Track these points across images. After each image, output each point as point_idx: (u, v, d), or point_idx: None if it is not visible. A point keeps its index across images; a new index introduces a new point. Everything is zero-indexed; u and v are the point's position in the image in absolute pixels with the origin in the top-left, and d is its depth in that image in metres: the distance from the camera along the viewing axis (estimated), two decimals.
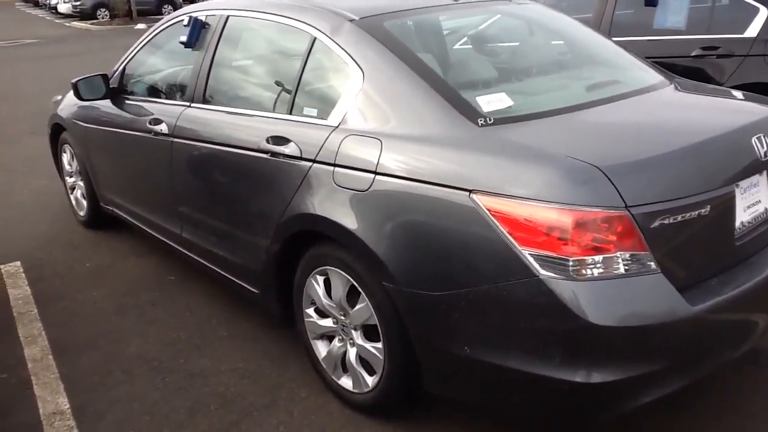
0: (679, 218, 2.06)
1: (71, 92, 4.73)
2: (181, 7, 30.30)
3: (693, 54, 5.08)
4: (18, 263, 4.39)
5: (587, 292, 1.98)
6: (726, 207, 2.21)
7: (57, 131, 4.95)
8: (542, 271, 2.00)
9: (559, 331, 2.02)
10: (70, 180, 5.00)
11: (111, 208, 4.44)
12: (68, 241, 4.73)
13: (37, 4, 41.64)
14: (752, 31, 4.93)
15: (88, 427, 2.78)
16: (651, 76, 2.95)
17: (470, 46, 3.23)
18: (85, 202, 4.80)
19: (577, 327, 1.97)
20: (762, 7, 4.94)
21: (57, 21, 30.43)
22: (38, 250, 4.59)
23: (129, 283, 4.05)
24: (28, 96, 10.83)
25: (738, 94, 2.87)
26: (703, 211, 2.11)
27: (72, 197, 5.02)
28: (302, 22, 2.89)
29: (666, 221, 2.04)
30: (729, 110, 2.66)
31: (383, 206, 2.37)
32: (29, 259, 4.44)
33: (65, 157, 4.95)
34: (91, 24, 26.87)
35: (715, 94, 2.94)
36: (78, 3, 29.19)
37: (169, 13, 19.99)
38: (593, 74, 3.01)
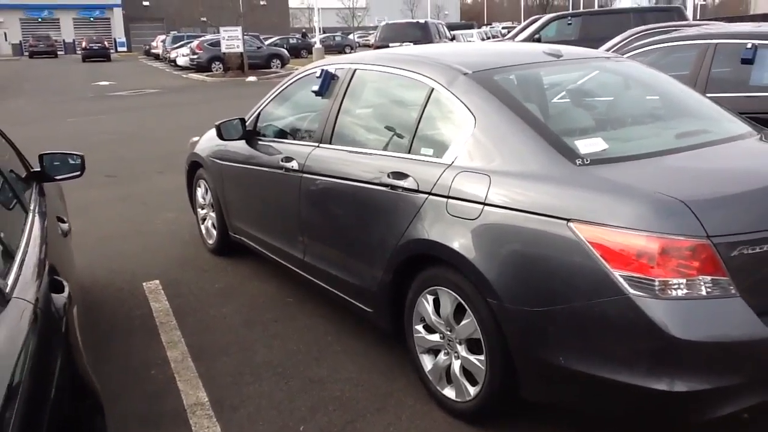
0: (757, 249, 2.33)
1: (207, 134, 5.41)
2: (288, 62, 32.19)
3: None
4: (157, 281, 4.99)
5: (671, 310, 2.27)
6: None
7: (193, 168, 5.59)
8: (631, 291, 2.31)
9: (645, 343, 2.31)
10: (202, 212, 5.63)
11: (239, 237, 4.99)
12: (199, 265, 5.32)
13: (157, 58, 44.83)
14: None
15: (224, 416, 3.22)
16: (739, 127, 3.22)
17: (570, 98, 3.59)
18: (214, 232, 5.39)
19: (661, 340, 2.26)
20: None
21: (175, 73, 32.76)
22: (173, 271, 5.19)
23: (253, 302, 4.55)
24: (154, 139, 11.89)
25: None
26: None
27: (203, 227, 5.63)
28: (422, 74, 3.35)
29: (744, 251, 2.31)
30: None
31: (490, 233, 2.74)
32: (166, 278, 5.04)
33: (199, 192, 5.58)
34: (206, 76, 28.79)
35: None
36: (195, 57, 31.31)
37: (277, 67, 21.20)
38: (683, 124, 3.31)
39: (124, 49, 62.39)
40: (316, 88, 4.00)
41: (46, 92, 22.95)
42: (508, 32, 24.16)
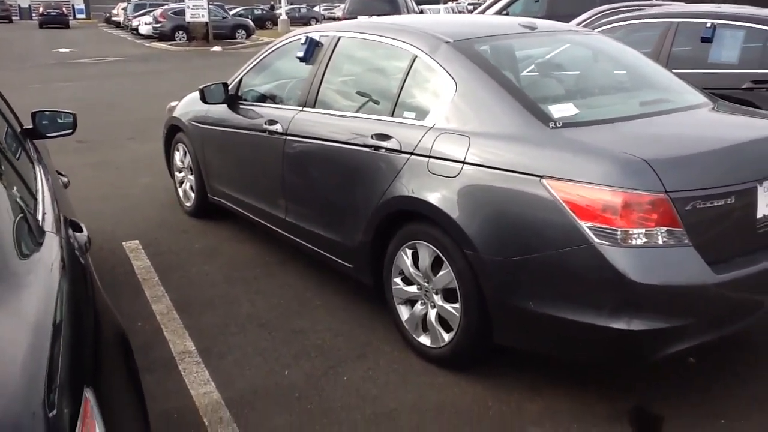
0: (708, 204, 2.59)
1: (186, 98, 5.51)
2: (253, 33, 31.87)
3: (744, 86, 5.54)
4: (137, 241, 5.10)
5: (631, 256, 2.53)
6: (748, 200, 2.73)
7: (172, 132, 5.69)
8: (596, 240, 2.56)
9: (607, 287, 2.56)
10: (180, 175, 5.73)
11: (218, 199, 5.13)
12: (177, 227, 5.45)
13: (118, 26, 43.86)
14: None
15: (212, 363, 3.41)
16: (697, 97, 3.49)
17: (543, 68, 3.81)
18: (192, 194, 5.51)
19: (622, 283, 2.52)
20: None
21: (137, 41, 32.15)
22: (152, 232, 5.31)
23: (234, 261, 4.71)
24: (122, 107, 11.82)
25: (765, 113, 3.38)
26: (728, 200, 2.64)
27: (181, 190, 5.75)
28: (406, 42, 3.53)
29: (698, 206, 2.57)
30: (756, 125, 3.19)
31: (469, 189, 2.96)
32: (146, 238, 5.16)
33: (177, 155, 5.68)
34: (170, 45, 28.36)
35: (748, 114, 3.46)
36: (158, 25, 30.79)
37: (242, 38, 20.99)
38: (647, 93, 3.57)
39: (83, 16, 60.64)
40: (300, 54, 4.15)
41: (3, 59, 22.39)
42: (474, 8, 24.28)
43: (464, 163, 2.98)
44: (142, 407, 1.80)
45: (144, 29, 32.92)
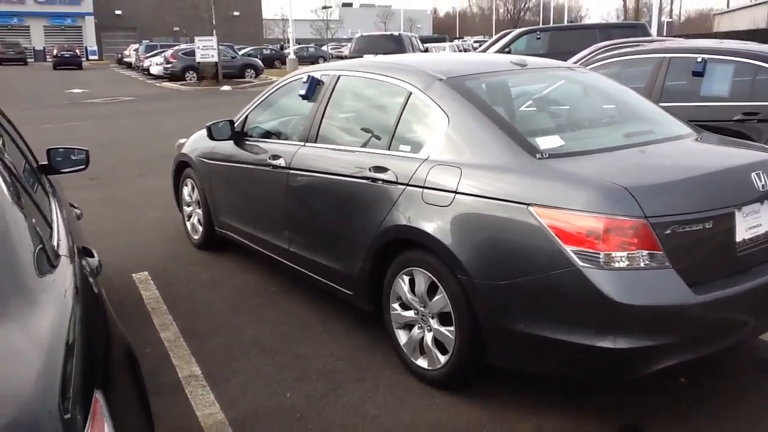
0: (687, 228, 2.73)
1: (194, 135, 5.72)
2: (262, 72, 32.46)
3: (735, 118, 5.71)
4: (146, 273, 5.27)
5: (613, 279, 2.67)
6: (727, 224, 2.87)
7: (181, 168, 5.89)
8: (580, 263, 2.70)
9: (592, 307, 2.69)
10: (188, 209, 5.92)
11: (225, 231, 5.30)
12: (185, 259, 5.61)
13: (130, 66, 44.75)
14: None
15: (217, 386, 3.53)
16: (681, 129, 3.65)
17: (532, 103, 3.99)
18: (200, 227, 5.69)
19: (606, 304, 2.65)
20: None
21: (148, 81, 32.81)
22: (161, 264, 5.47)
23: (240, 291, 4.86)
24: (132, 145, 12.11)
25: (748, 143, 3.54)
26: (706, 225, 2.78)
27: (189, 223, 5.93)
28: (401, 80, 3.73)
29: (677, 230, 2.72)
30: (735, 153, 3.35)
31: (461, 218, 3.12)
32: (155, 270, 5.32)
33: (186, 190, 5.87)
34: (180, 85, 28.93)
35: (730, 144, 3.61)
36: (169, 66, 31.43)
37: (251, 77, 21.54)
38: (632, 126, 3.73)
39: (96, 57, 62.02)
40: (302, 92, 4.35)
41: (17, 99, 22.86)
42: (480, 45, 24.76)
43: (456, 192, 3.14)
44: (147, 409, 1.93)
45: (155, 69, 33.57)
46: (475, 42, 49.26)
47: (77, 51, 49.35)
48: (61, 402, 1.33)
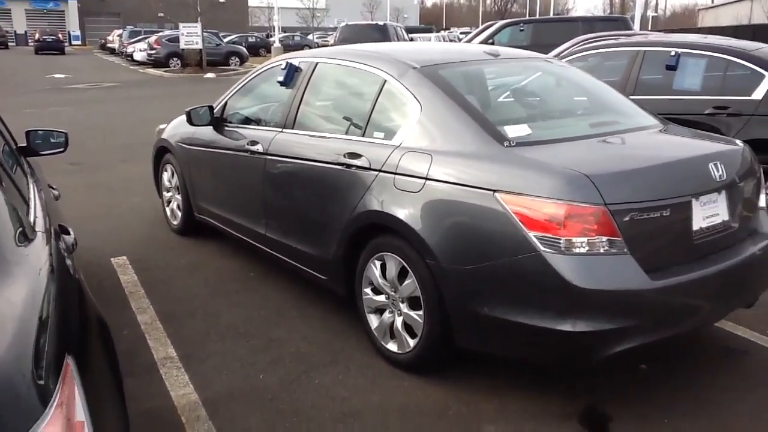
0: (645, 216, 2.84)
1: (174, 121, 5.76)
2: (247, 60, 32.33)
3: (706, 112, 5.84)
4: (125, 257, 5.31)
5: (573, 263, 2.77)
6: (684, 213, 2.97)
7: (160, 153, 5.93)
8: (542, 248, 2.80)
9: (553, 291, 2.79)
10: (167, 194, 5.96)
11: (203, 217, 5.36)
12: (164, 243, 5.67)
13: (113, 52, 44.36)
14: (758, 94, 5.69)
15: (192, 368, 3.60)
16: (647, 120, 3.75)
17: (504, 92, 4.08)
18: (179, 213, 5.74)
19: (566, 288, 2.75)
20: (767, 74, 5.70)
21: (132, 67, 32.59)
22: (140, 248, 5.52)
23: (217, 276, 4.92)
24: (115, 131, 12.09)
25: (709, 135, 3.65)
26: (664, 212, 2.88)
27: (168, 209, 5.97)
28: (377, 68, 3.80)
29: (635, 217, 2.82)
30: (695, 144, 3.46)
31: (430, 203, 3.20)
32: (133, 254, 5.37)
33: (165, 175, 5.92)
34: (164, 71, 28.78)
35: (691, 135, 3.71)
36: (153, 52, 31.22)
37: (235, 65, 21.50)
38: (599, 117, 3.83)
39: (79, 42, 61.40)
40: (281, 78, 4.41)
41: None
42: (466, 36, 24.82)
43: (426, 179, 3.23)
44: (118, 378, 2.01)
45: (139, 56, 33.36)
46: (461, 33, 49.29)
47: (60, 36, 48.95)
48: (34, 364, 1.41)
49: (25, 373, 1.39)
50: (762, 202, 3.55)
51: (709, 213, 3.09)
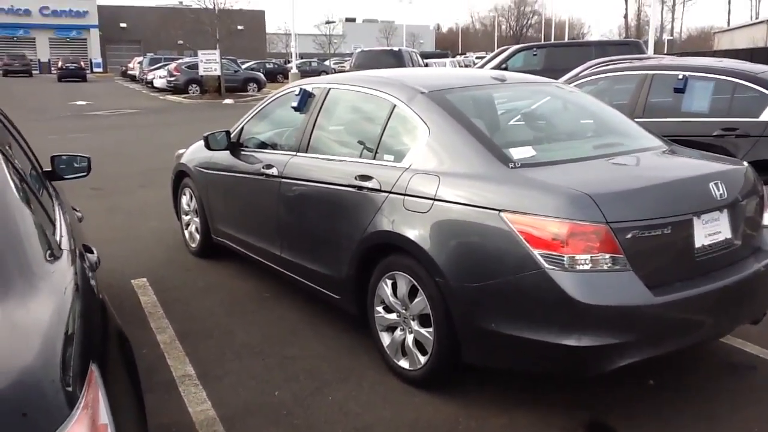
0: (647, 233, 2.92)
1: (193, 146, 5.93)
2: (264, 86, 32.80)
3: (714, 134, 5.91)
4: (145, 279, 5.46)
5: (577, 280, 2.86)
6: (686, 230, 3.06)
7: (179, 177, 6.10)
8: (547, 265, 2.89)
9: (558, 307, 2.88)
10: (186, 218, 6.12)
11: (221, 239, 5.50)
12: (182, 265, 5.81)
13: (134, 79, 45.19)
14: (766, 116, 5.76)
15: (209, 385, 3.71)
16: (650, 142, 3.85)
17: (510, 115, 4.20)
18: (197, 236, 5.89)
19: (570, 304, 2.83)
20: None
21: (152, 94, 33.17)
22: (159, 270, 5.67)
23: (234, 296, 5.05)
24: (135, 157, 12.36)
25: (712, 155, 3.74)
26: (665, 230, 2.97)
27: (187, 232, 6.13)
28: (386, 93, 3.94)
29: (637, 234, 2.91)
30: (696, 165, 3.54)
31: (439, 223, 3.31)
32: (153, 276, 5.51)
33: (184, 199, 6.08)
34: (183, 98, 29.27)
35: (693, 156, 3.80)
36: (173, 78, 31.78)
37: (254, 91, 21.87)
38: (604, 139, 3.94)
39: (100, 69, 62.56)
40: (295, 104, 4.57)
41: (23, 110, 23.12)
42: (481, 61, 25.07)
43: (435, 199, 3.34)
44: (136, 383, 2.13)
45: (159, 82, 33.94)
46: (476, 58, 49.67)
47: (82, 63, 49.87)
48: (61, 371, 1.52)
49: (54, 379, 1.50)
50: (766, 221, 3.62)
51: (711, 231, 3.17)
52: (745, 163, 3.69)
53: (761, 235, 3.56)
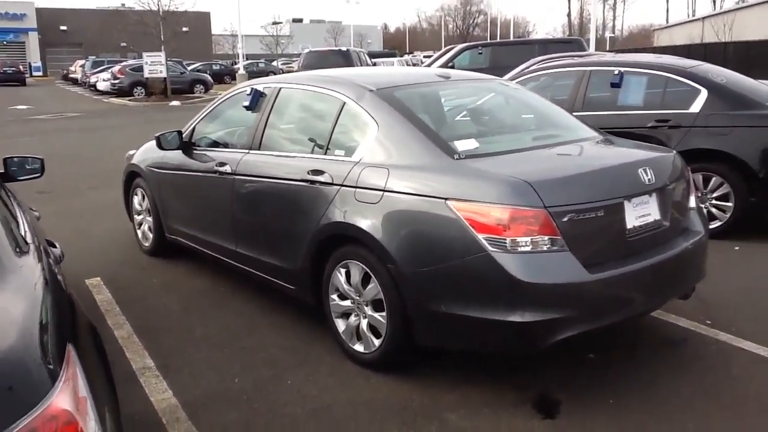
0: (582, 216, 3.15)
1: (144, 146, 5.98)
2: (211, 87, 32.53)
3: (648, 125, 6.24)
4: (99, 278, 5.49)
5: (518, 261, 3.07)
6: (617, 213, 3.30)
7: (131, 178, 6.14)
8: (490, 248, 3.09)
9: (502, 286, 3.08)
10: (138, 217, 6.16)
11: (175, 237, 5.56)
12: (136, 264, 5.85)
13: (76, 83, 44.19)
14: (695, 107, 6.11)
15: (169, 376, 3.81)
16: (586, 132, 4.10)
17: (454, 110, 4.40)
18: (150, 234, 5.94)
19: (513, 283, 3.04)
20: (703, 89, 6.13)
21: (95, 97, 32.54)
22: (113, 270, 5.70)
23: (190, 293, 5.13)
24: (82, 159, 12.21)
25: (643, 144, 4.02)
26: (599, 213, 3.20)
27: (139, 231, 6.16)
28: (336, 91, 4.10)
29: (573, 217, 3.13)
30: (627, 153, 3.81)
31: (389, 213, 3.48)
32: (107, 275, 5.54)
33: (136, 199, 6.11)
34: (128, 100, 28.81)
35: (624, 145, 4.06)
36: (117, 81, 31.24)
37: (200, 92, 21.69)
38: (543, 131, 4.18)
39: (40, 73, 60.99)
40: (246, 103, 4.68)
41: None
42: (428, 60, 25.39)
43: (385, 191, 3.51)
44: (107, 365, 2.25)
45: (102, 85, 33.31)
46: (424, 57, 50.14)
47: (20, 67, 48.55)
48: (41, 350, 1.64)
49: (35, 358, 1.62)
50: (692, 203, 3.91)
51: (641, 213, 3.42)
52: (673, 151, 3.97)
53: (688, 217, 3.84)
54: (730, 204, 6.01)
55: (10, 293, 1.85)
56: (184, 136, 5.27)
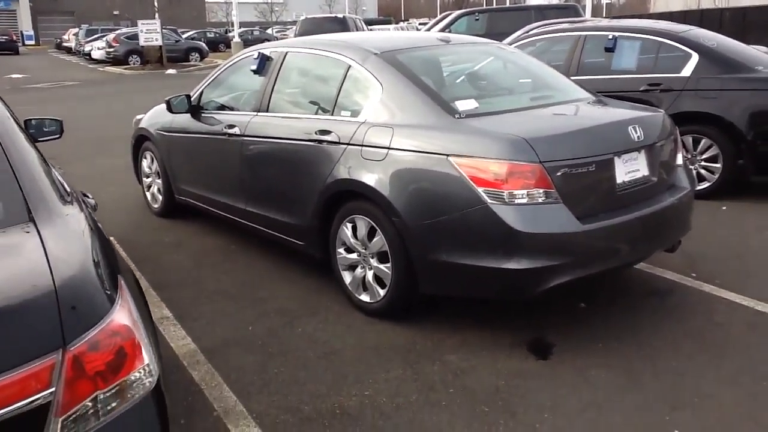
0: (575, 171, 3.38)
1: (152, 110, 6.16)
2: (207, 55, 32.43)
3: (641, 89, 6.44)
4: (111, 238, 5.68)
5: (516, 212, 3.30)
6: (608, 168, 3.53)
7: (140, 141, 6.33)
8: (489, 200, 3.32)
9: (499, 236, 3.32)
10: (147, 180, 6.36)
11: (185, 198, 5.78)
12: (147, 225, 6.08)
13: (69, 51, 43.92)
14: (686, 71, 6.30)
15: (187, 324, 4.06)
16: (579, 94, 4.30)
17: (455, 72, 4.60)
18: (160, 196, 6.15)
19: (510, 233, 3.27)
20: (694, 53, 6.32)
21: (90, 66, 32.46)
22: (125, 230, 5.92)
23: (201, 250, 5.36)
24: (84, 127, 12.33)
25: (633, 104, 4.23)
26: (590, 168, 3.43)
27: (149, 193, 6.37)
28: (342, 54, 4.29)
29: (566, 171, 3.36)
30: (618, 112, 4.03)
31: (394, 169, 3.70)
32: (119, 235, 5.75)
33: (145, 162, 6.31)
34: (124, 69, 28.78)
35: (615, 105, 4.27)
36: (112, 50, 31.14)
37: (196, 61, 21.66)
38: (539, 92, 4.38)
39: (32, 42, 60.46)
40: (254, 67, 4.87)
41: None
42: (424, 27, 25.37)
43: (389, 148, 3.73)
44: (145, 302, 2.49)
45: (97, 54, 33.19)
46: (420, 24, 49.88)
47: (13, 35, 48.16)
48: (98, 278, 1.87)
49: (95, 284, 1.86)
50: (679, 161, 4.13)
51: (630, 169, 3.65)
52: (662, 111, 4.18)
53: (676, 173, 4.07)
54: (718, 165, 6.23)
55: (63, 236, 2.07)
56: (192, 100, 5.45)
